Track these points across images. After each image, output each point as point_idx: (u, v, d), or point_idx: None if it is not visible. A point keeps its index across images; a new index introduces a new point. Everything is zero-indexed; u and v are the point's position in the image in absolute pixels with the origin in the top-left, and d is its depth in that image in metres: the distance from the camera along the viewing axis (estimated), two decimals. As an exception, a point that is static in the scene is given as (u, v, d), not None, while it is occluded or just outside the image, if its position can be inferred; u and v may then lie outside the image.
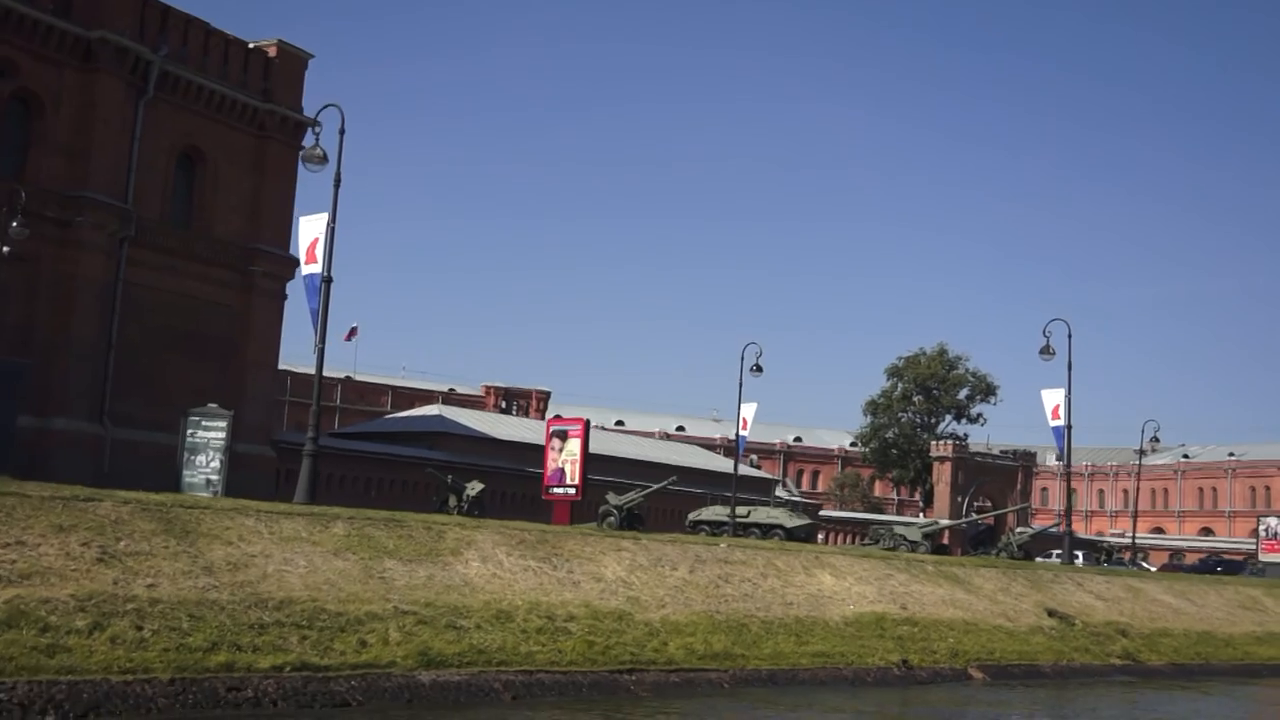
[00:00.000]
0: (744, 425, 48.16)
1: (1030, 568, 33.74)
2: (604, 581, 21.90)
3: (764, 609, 23.63)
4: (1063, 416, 39.81)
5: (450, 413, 54.36)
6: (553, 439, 28.57)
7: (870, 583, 27.35)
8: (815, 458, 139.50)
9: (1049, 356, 39.89)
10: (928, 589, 28.34)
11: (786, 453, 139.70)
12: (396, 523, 20.95)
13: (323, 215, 25.37)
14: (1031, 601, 30.33)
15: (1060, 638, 28.56)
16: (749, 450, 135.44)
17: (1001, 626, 27.73)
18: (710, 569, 24.53)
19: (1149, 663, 29.36)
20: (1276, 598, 38.75)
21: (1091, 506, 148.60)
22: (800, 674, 21.53)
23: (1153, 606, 33.46)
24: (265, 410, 43.96)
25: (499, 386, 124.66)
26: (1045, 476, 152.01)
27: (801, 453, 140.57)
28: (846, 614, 25.01)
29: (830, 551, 29.35)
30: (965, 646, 25.64)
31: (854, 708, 19.99)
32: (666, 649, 20.27)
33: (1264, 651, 32.88)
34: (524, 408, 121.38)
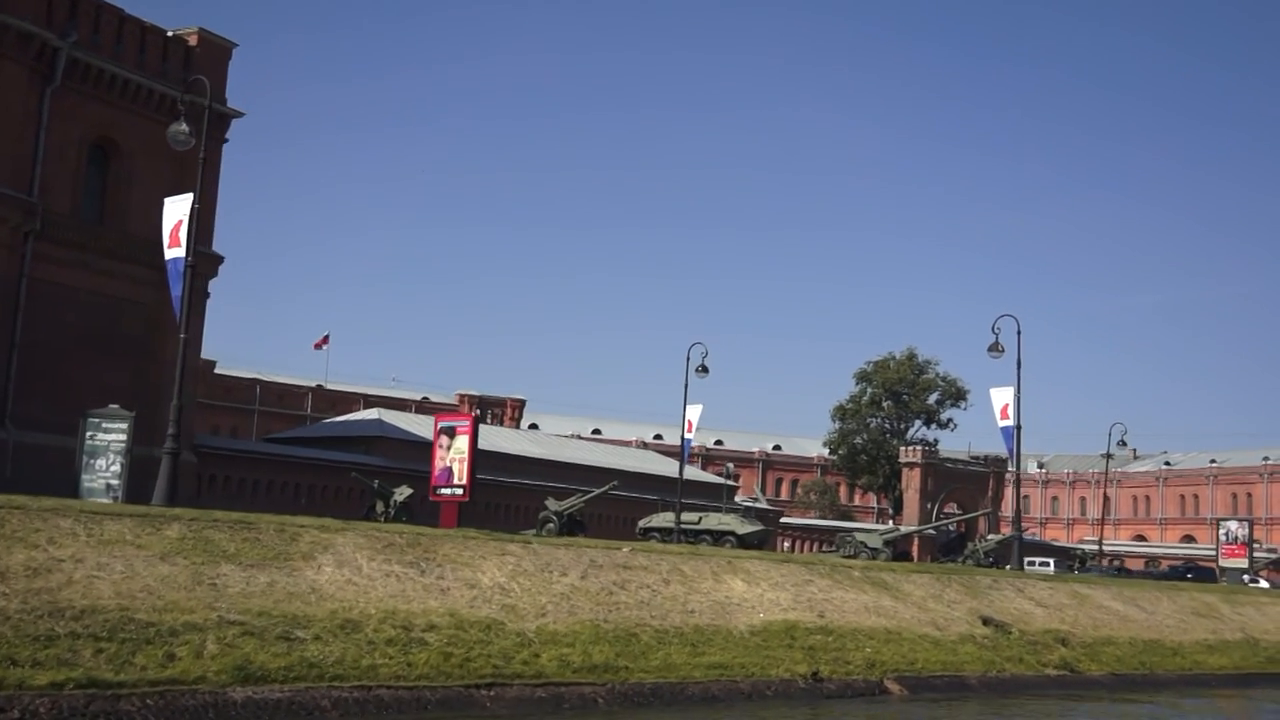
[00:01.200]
0: (689, 428, 46.58)
1: (968, 573, 32.14)
2: (478, 588, 20.25)
3: (660, 617, 21.99)
4: (1012, 416, 38.21)
5: (390, 416, 52.72)
6: (440, 436, 26.86)
7: (786, 589, 25.72)
8: (794, 466, 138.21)
9: (998, 354, 38.39)
10: (850, 596, 26.73)
11: (765, 461, 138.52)
12: (245, 525, 19.28)
13: (187, 197, 23.82)
14: (965, 609, 28.73)
15: (993, 647, 26.94)
16: (726, 458, 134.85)
17: (928, 635, 26.10)
18: (605, 575, 22.88)
19: (1088, 673, 27.76)
20: (1234, 604, 37.21)
21: (1073, 514, 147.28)
22: (690, 688, 19.87)
23: (1098, 614, 31.86)
24: (187, 413, 42.16)
25: (473, 395, 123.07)
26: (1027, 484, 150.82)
27: (781, 461, 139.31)
28: (754, 622, 23.37)
29: (745, 557, 27.71)
30: (884, 657, 24.01)
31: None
32: (538, 661, 18.61)
33: (1214, 661, 31.31)
34: (499, 416, 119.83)
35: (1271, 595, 41.03)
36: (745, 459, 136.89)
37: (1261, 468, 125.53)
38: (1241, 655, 32.49)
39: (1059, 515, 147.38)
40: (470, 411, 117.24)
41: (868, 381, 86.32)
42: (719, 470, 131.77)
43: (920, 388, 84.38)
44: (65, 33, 36.98)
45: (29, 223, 35.83)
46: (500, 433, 64.60)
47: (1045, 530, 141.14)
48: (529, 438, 63.46)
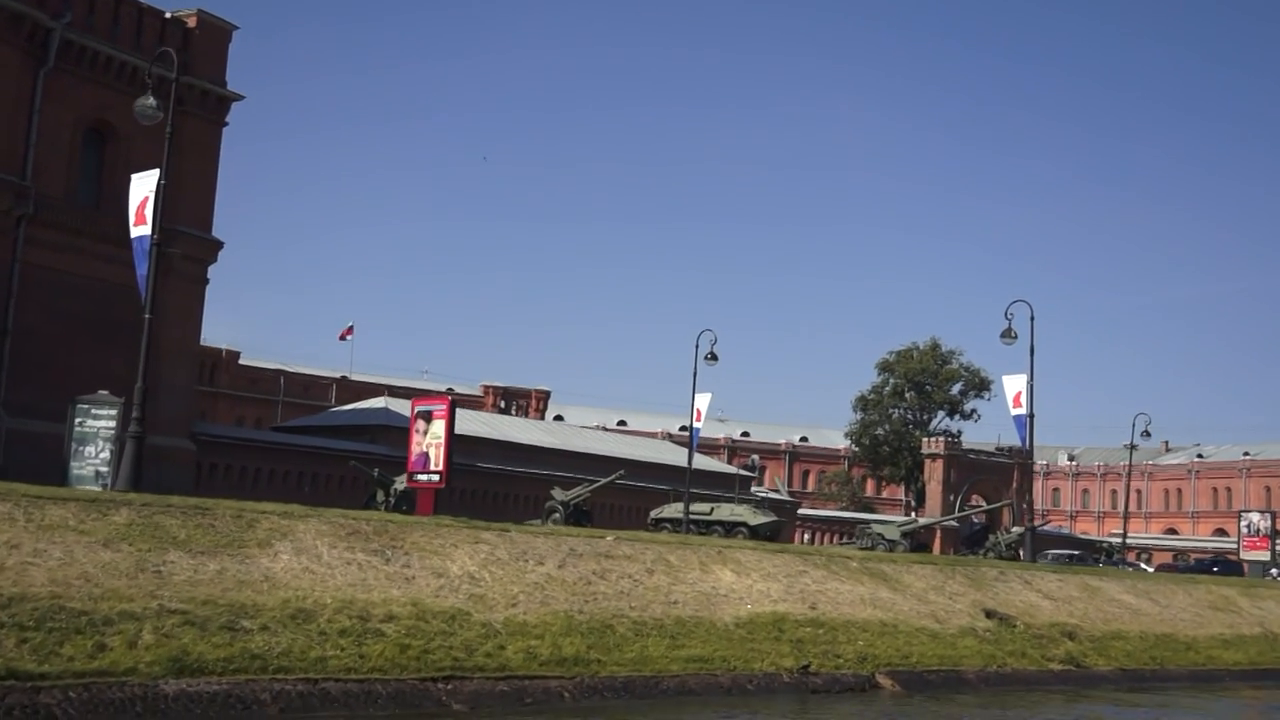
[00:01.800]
0: (698, 417, 45.69)
1: (974, 565, 31.13)
2: (446, 577, 19.50)
3: (640, 608, 21.17)
4: (1024, 404, 37.10)
5: (397, 405, 52.00)
6: (417, 420, 26.12)
7: (778, 580, 24.86)
8: (820, 458, 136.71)
9: (1010, 340, 37.32)
10: (845, 587, 25.82)
11: (792, 453, 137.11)
12: (200, 511, 18.60)
13: (153, 173, 23.21)
14: (967, 601, 27.75)
15: (995, 641, 25.97)
16: (752, 450, 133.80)
17: (926, 628, 25.17)
18: (585, 564, 22.09)
19: (1095, 668, 26.73)
20: (1253, 597, 35.99)
21: (1104, 507, 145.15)
22: (665, 682, 19.06)
23: (1109, 607, 30.79)
24: (184, 401, 41.65)
25: (498, 386, 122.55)
26: (1057, 476, 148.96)
27: (807, 453, 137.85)
28: (741, 614, 22.52)
29: (738, 546, 26.83)
30: (877, 650, 23.10)
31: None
32: (502, 653, 17.84)
33: (1229, 656, 30.18)
34: (523, 408, 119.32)
35: (1296, 589, 39.76)
36: (772, 451, 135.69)
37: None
38: (1259, 650, 31.33)
39: (1089, 508, 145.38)
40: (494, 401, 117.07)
41: (890, 372, 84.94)
42: (743, 462, 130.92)
43: (943, 378, 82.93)
44: (59, 13, 36.46)
45: (21, 206, 35.37)
46: (512, 422, 63.95)
47: (1076, 523, 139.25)
48: (542, 427, 62.78)
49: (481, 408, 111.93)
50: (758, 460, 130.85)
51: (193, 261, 41.09)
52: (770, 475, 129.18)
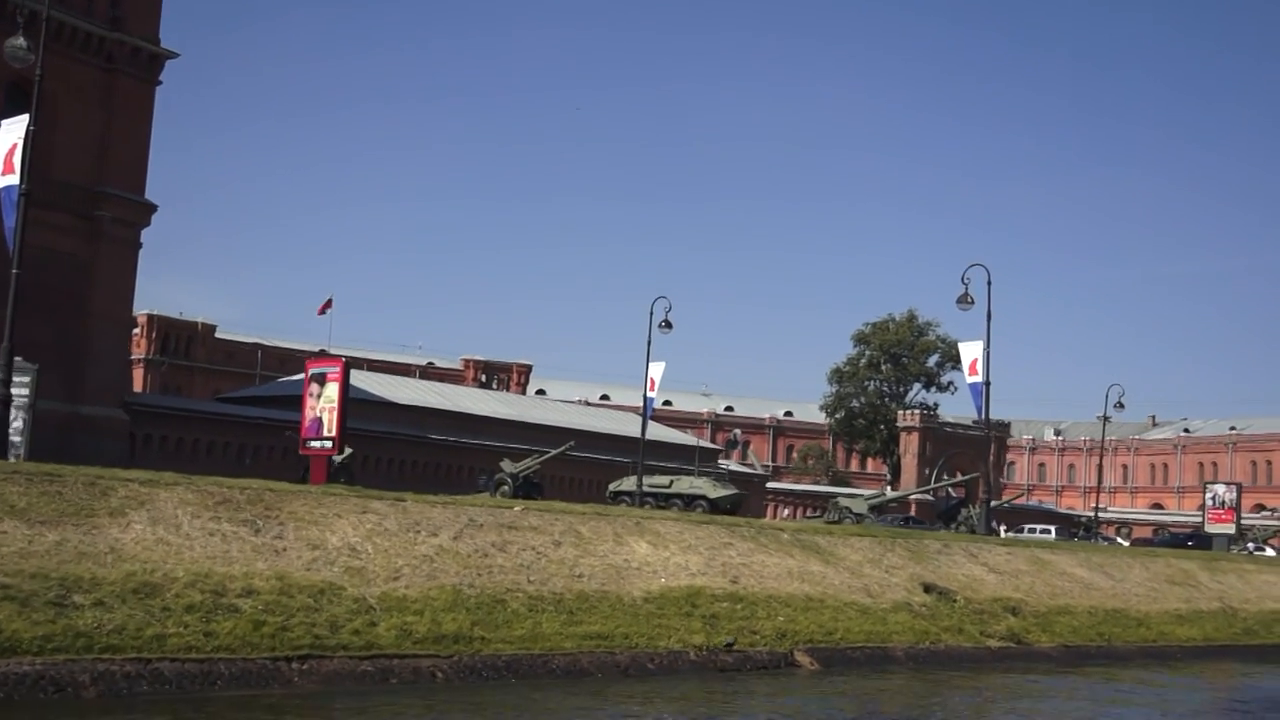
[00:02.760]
0: (651, 386, 44.35)
1: (916, 537, 29.89)
2: (322, 549, 18.23)
3: (540, 582, 19.94)
4: (980, 372, 35.81)
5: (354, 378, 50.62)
6: (311, 384, 24.72)
7: (699, 552, 23.62)
8: (805, 433, 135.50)
9: (966, 305, 35.99)
10: (773, 560, 24.60)
11: (776, 427, 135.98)
12: (49, 478, 17.30)
13: (23, 119, 21.75)
14: (905, 575, 26.56)
15: (930, 616, 24.79)
16: (736, 425, 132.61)
17: (856, 603, 23.98)
18: (484, 536, 20.83)
19: (1037, 645, 25.59)
20: (1214, 572, 34.83)
21: (1090, 482, 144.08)
22: (556, 660, 17.86)
23: (1059, 581, 29.61)
24: (115, 369, 40.39)
25: (478, 360, 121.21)
26: (1044, 451, 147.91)
27: (791, 427, 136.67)
28: (652, 589, 21.30)
29: (658, 518, 25.55)
30: (798, 626, 21.92)
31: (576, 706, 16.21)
32: (372, 630, 16.60)
33: (1183, 632, 29.04)
34: (504, 381, 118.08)
35: (1259, 563, 38.58)
36: (756, 425, 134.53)
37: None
38: (1214, 626, 30.22)
39: (1075, 483, 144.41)
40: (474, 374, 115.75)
41: (866, 344, 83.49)
42: (726, 437, 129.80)
43: (920, 350, 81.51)
44: (-25, -34, 34.97)
45: (-65, 167, 33.88)
46: (466, 393, 62.62)
47: (1062, 498, 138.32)
48: (498, 398, 61.45)
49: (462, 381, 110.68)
50: (739, 434, 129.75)
51: (123, 225, 39.73)
52: (757, 449, 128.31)
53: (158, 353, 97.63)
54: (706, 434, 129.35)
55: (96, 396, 38.21)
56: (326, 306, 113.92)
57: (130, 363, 42.56)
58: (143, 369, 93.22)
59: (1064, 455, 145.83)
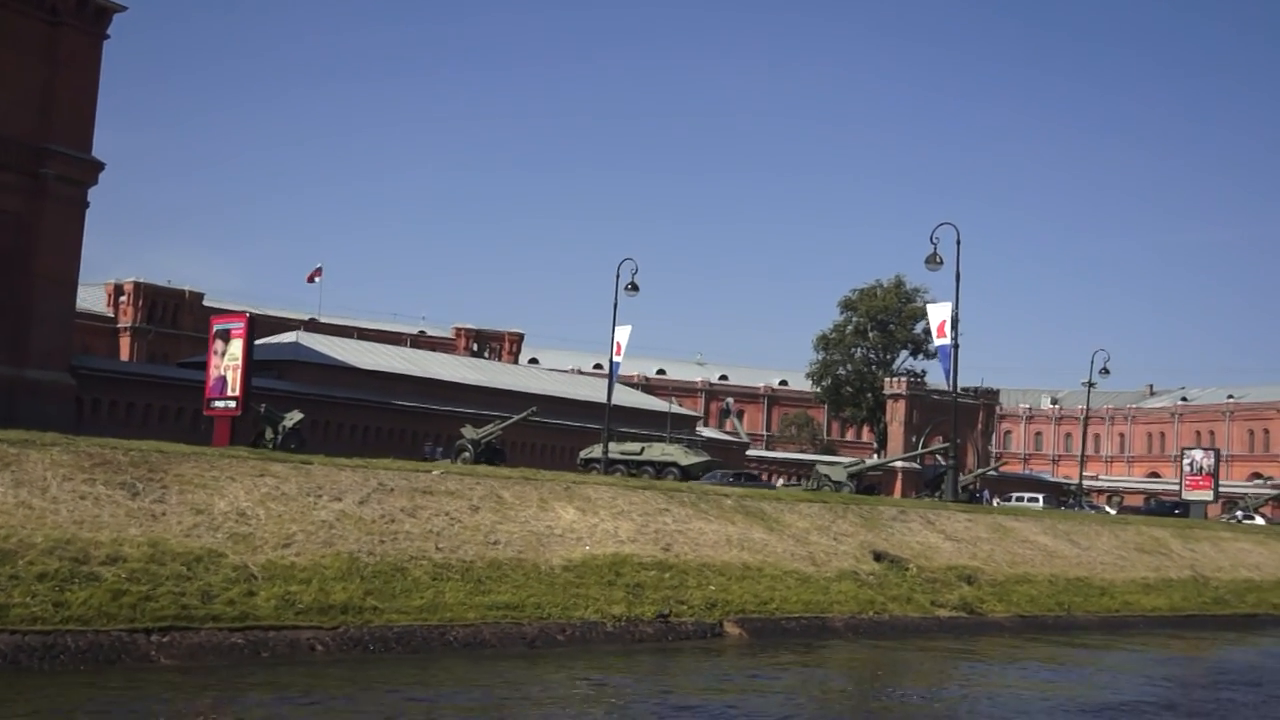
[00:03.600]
0: (618, 350, 43.17)
1: (872, 504, 28.77)
2: (207, 514, 17.13)
3: (450, 550, 18.86)
4: (948, 334, 34.62)
5: (310, 340, 49.58)
6: (215, 341, 23.54)
7: (631, 519, 22.54)
8: (798, 402, 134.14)
9: (935, 266, 34.78)
10: (712, 527, 23.51)
11: (771, 396, 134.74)
12: (-90, 441, 16.20)
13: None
14: (855, 543, 25.46)
15: (878, 585, 23.71)
16: (730, 394, 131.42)
17: (798, 572, 22.90)
18: (394, 501, 19.73)
19: (990, 614, 24.51)
20: (1187, 539, 33.70)
21: (1087, 450, 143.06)
22: (454, 632, 16.78)
23: (1021, 549, 28.51)
24: (61, 332, 39.12)
25: (469, 329, 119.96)
26: (1040, 420, 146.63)
27: (786, 396, 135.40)
28: (575, 557, 20.21)
29: (593, 482, 24.42)
30: (731, 596, 20.85)
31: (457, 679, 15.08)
32: (250, 600, 15.53)
33: (1148, 601, 27.94)
34: (496, 350, 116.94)
35: (1236, 530, 37.43)
36: (750, 395, 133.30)
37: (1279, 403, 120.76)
38: (1183, 595, 29.11)
39: (1072, 451, 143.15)
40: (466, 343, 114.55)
41: (853, 310, 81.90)
42: (720, 406, 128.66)
43: (907, 316, 80.00)
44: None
45: None
46: (434, 358, 61.42)
47: (1059, 466, 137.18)
48: (468, 364, 60.24)
49: (454, 350, 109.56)
50: (732, 403, 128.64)
51: (69, 183, 38.33)
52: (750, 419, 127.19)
53: (144, 320, 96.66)
54: (701, 403, 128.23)
55: (41, 360, 37.01)
56: (316, 274, 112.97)
57: (73, 325, 41.04)
58: (129, 337, 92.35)
59: (1061, 424, 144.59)
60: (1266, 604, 30.58)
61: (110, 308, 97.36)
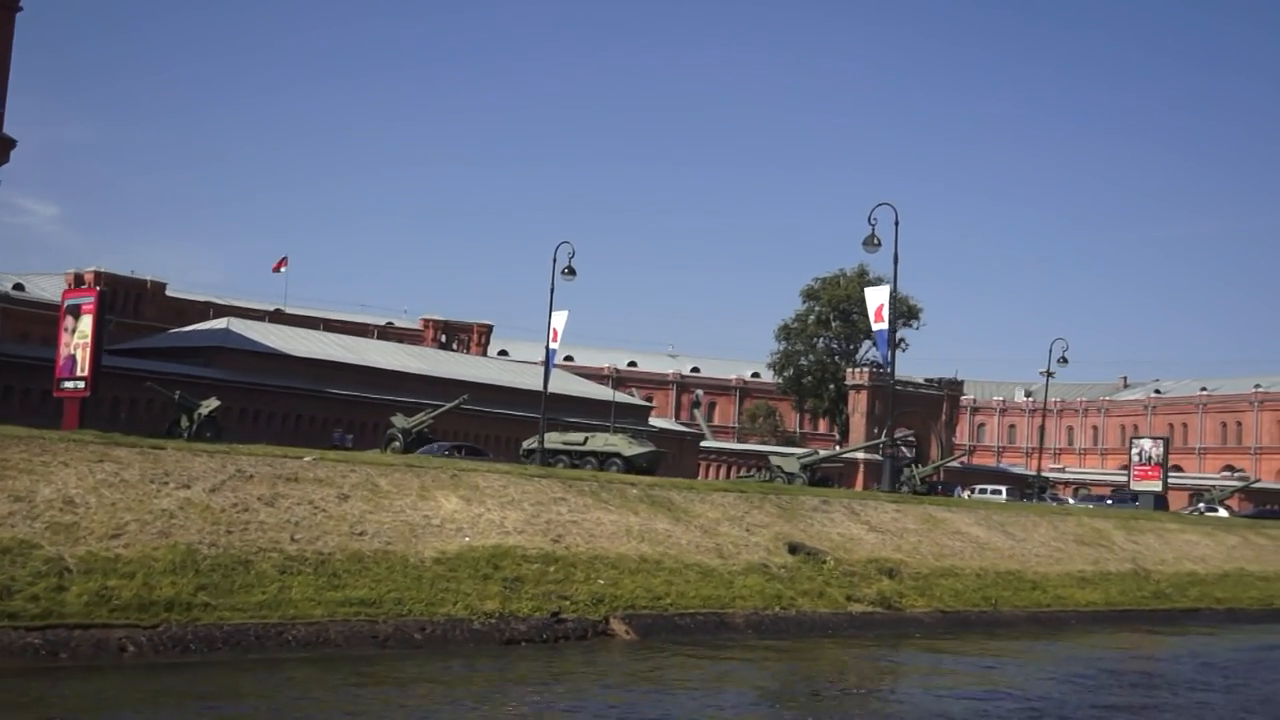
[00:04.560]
0: (554, 337, 41.81)
1: (793, 494, 27.45)
2: (27, 502, 15.75)
3: (308, 541, 17.48)
4: (886, 318, 33.35)
5: (241, 326, 48.03)
6: (65, 318, 22.07)
7: (522, 509, 21.19)
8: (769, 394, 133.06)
9: (873, 248, 33.42)
10: (611, 518, 22.18)
11: (742, 389, 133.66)
12: None
13: None
14: (770, 534, 24.14)
15: (789, 579, 22.39)
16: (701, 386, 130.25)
17: (701, 565, 21.57)
18: (251, 489, 18.34)
19: (910, 610, 23.21)
20: (1131, 530, 32.51)
21: (1061, 443, 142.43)
22: (294, 631, 15.42)
23: (950, 541, 27.24)
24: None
25: (438, 320, 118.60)
26: (1014, 413, 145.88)
27: (757, 389, 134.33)
28: (450, 549, 18.85)
29: (483, 469, 23.02)
30: (622, 591, 19.52)
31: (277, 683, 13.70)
32: (58, 596, 14.16)
33: (1082, 596, 26.70)
34: (465, 342, 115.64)
35: (1183, 522, 36.27)
36: (721, 387, 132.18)
37: (1252, 395, 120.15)
38: (1120, 589, 27.89)
39: (1046, 444, 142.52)
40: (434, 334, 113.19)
41: (815, 299, 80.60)
42: (691, 399, 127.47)
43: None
44: None
45: None
46: (375, 346, 59.88)
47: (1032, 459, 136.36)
48: (410, 352, 58.71)
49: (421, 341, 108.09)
50: (702, 395, 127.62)
51: (-22, 161, 36.80)
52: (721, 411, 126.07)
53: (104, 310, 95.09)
54: (672, 395, 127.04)
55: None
56: (281, 264, 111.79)
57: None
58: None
59: (1034, 417, 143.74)
60: (1209, 598, 29.42)
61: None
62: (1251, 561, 33.31)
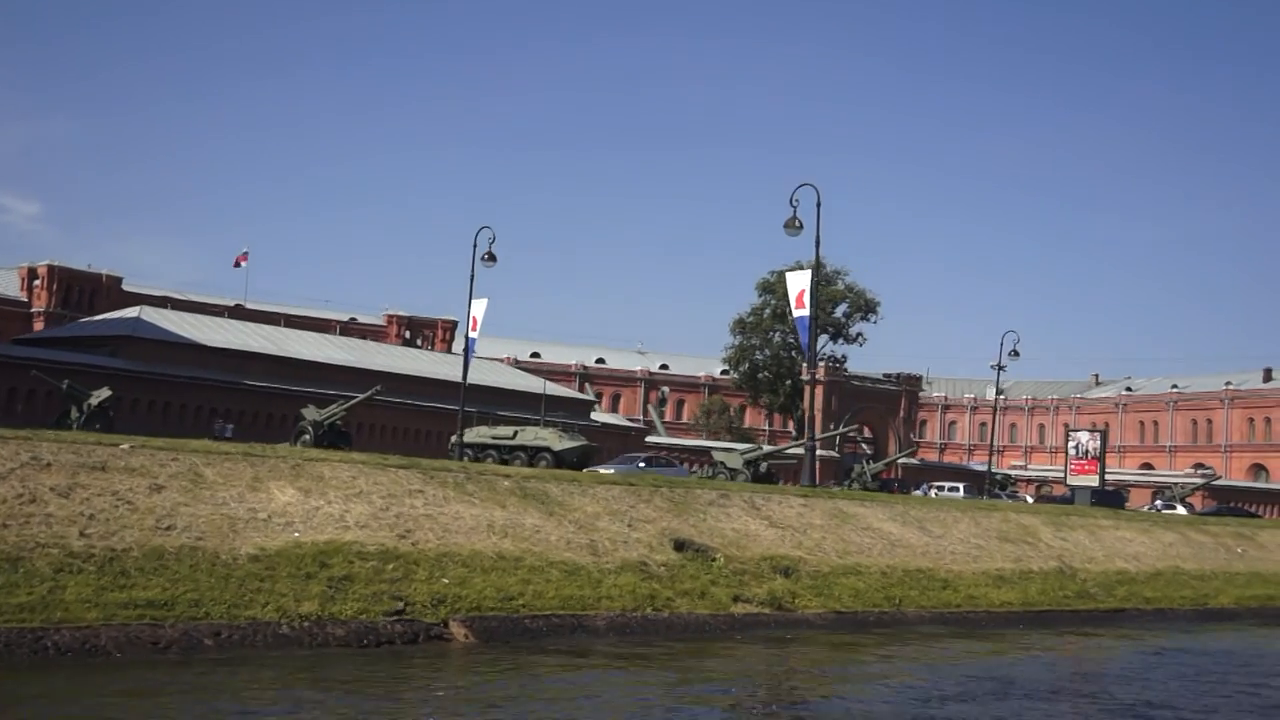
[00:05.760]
0: (474, 325, 40.15)
1: (687, 487, 25.75)
2: None
3: (102, 536, 15.75)
4: (807, 304, 31.72)
5: (154, 315, 46.14)
6: None
7: (370, 501, 19.49)
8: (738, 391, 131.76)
9: (795, 231, 31.79)
10: (473, 511, 20.50)
11: (711, 385, 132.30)
12: None
13: None
14: (654, 530, 22.48)
15: (668, 579, 20.75)
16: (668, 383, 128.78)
17: (569, 563, 19.90)
18: (45, 478, 16.58)
19: (803, 611, 21.58)
20: (1060, 527, 30.96)
21: (1031, 441, 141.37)
22: (54, 636, 13.74)
23: (859, 537, 25.63)
24: None
25: (401, 316, 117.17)
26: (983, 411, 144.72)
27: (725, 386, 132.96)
28: (273, 545, 17.13)
29: (334, 459, 21.25)
30: (469, 591, 17.84)
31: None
32: None
33: (997, 595, 25.12)
34: (429, 338, 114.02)
35: (1118, 518, 34.67)
36: (691, 384, 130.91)
37: (1223, 393, 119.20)
38: (1041, 589, 26.32)
39: (1016, 442, 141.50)
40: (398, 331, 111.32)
41: (771, 293, 78.95)
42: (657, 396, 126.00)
43: (826, 299, 76.94)
44: None
45: None
46: (300, 337, 57.94)
47: (1003, 457, 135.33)
48: (339, 343, 56.85)
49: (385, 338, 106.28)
50: (668, 392, 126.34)
51: None
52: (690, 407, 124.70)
53: (59, 305, 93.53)
54: (640, 392, 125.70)
55: None
56: (242, 259, 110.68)
57: None
58: (43, 321, 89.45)
59: (1005, 414, 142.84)
60: (1137, 598, 27.88)
61: (24, 292, 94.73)
62: (1188, 560, 31.81)
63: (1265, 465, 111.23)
